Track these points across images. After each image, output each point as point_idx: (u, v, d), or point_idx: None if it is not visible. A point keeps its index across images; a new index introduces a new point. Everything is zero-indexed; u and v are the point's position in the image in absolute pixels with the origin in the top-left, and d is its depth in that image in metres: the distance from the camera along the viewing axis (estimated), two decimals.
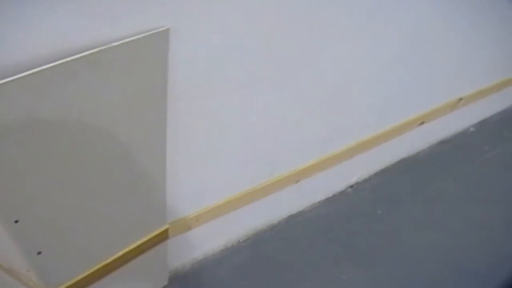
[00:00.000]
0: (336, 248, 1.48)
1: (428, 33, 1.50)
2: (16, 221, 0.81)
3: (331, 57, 1.24)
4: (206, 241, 1.42)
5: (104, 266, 1.08)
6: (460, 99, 1.83)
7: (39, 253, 0.90)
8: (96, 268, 1.07)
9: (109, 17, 0.78)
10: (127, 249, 1.16)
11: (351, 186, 1.71)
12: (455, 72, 1.73)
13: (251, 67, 1.08)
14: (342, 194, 1.68)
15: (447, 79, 1.72)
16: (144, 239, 1.20)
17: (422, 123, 1.75)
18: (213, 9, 0.91)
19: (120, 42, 0.80)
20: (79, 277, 1.03)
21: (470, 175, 1.79)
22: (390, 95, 1.57)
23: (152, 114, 0.98)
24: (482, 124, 2.05)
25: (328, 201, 1.64)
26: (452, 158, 1.87)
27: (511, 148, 1.94)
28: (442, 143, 1.93)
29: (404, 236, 1.53)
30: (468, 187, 1.74)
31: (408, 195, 1.70)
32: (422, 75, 1.61)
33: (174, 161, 1.08)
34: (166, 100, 0.96)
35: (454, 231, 1.56)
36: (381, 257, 1.46)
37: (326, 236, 1.51)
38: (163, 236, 1.26)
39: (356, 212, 1.61)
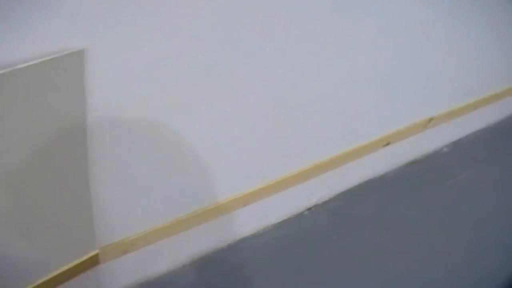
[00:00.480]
0: (284, 274, 1.41)
1: (394, 50, 1.43)
2: None
3: (286, 72, 1.17)
4: (145, 266, 1.35)
5: None
6: (431, 119, 1.75)
7: None
8: None
9: (15, 37, 0.72)
10: (53, 274, 1.10)
11: (309, 209, 1.63)
12: (424, 90, 1.65)
13: (184, 87, 1.01)
14: (298, 217, 1.60)
15: (416, 98, 1.64)
16: (72, 264, 1.14)
17: (388, 144, 1.67)
18: (136, 28, 0.85)
19: (27, 64, 0.74)
20: None
21: (437, 198, 1.71)
22: (351, 114, 1.49)
23: (70, 139, 0.92)
24: (456, 144, 1.97)
25: (283, 224, 1.57)
26: (421, 180, 1.79)
27: (483, 170, 1.85)
28: (412, 164, 1.85)
29: (359, 263, 1.46)
30: (434, 212, 1.66)
31: (370, 219, 1.62)
32: (388, 93, 1.53)
33: (102, 184, 1.02)
34: (85, 123, 0.89)
35: (416, 258, 1.48)
36: (331, 286, 1.39)
37: (274, 261, 1.44)
38: (94, 261, 1.20)
39: (310, 237, 1.53)
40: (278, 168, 1.42)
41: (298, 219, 1.59)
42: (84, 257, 1.16)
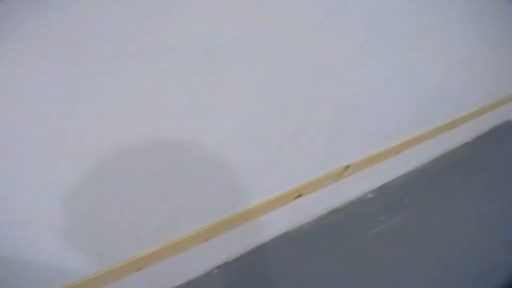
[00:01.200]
0: None
1: (298, 97, 1.38)
2: None
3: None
4: None
5: None
6: (347, 166, 1.69)
7: None
8: None
9: None
10: None
11: (218, 267, 1.54)
12: (335, 139, 1.59)
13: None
14: (206, 276, 1.51)
15: (327, 147, 1.58)
16: None
17: (300, 195, 1.60)
18: None
19: None
20: None
21: (357, 250, 1.64)
22: (257, 165, 1.42)
23: None
24: (382, 189, 1.91)
25: (188, 286, 1.48)
26: (340, 230, 1.72)
27: (408, 217, 1.79)
28: (332, 213, 1.78)
29: None
30: (352, 266, 1.58)
31: (283, 276, 1.54)
32: (294, 145, 1.47)
33: None
34: None
35: None
36: None
37: None
38: None
39: None
40: (175, 228, 1.34)
41: (205, 279, 1.51)
42: None
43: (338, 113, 1.52)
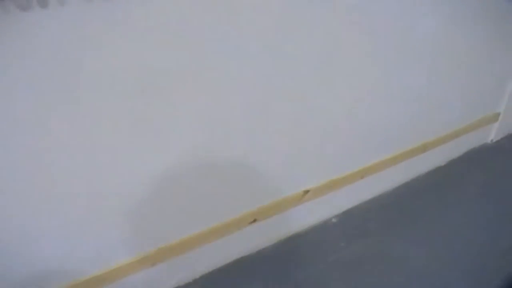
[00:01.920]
0: None
1: (251, 115, 1.35)
2: None
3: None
4: None
5: None
6: (306, 191, 1.66)
7: None
8: None
9: None
10: None
11: None
12: (292, 161, 1.56)
13: None
14: None
15: (283, 170, 1.55)
16: None
17: (255, 220, 1.57)
18: None
19: None
20: None
21: (316, 277, 1.60)
22: (209, 194, 1.40)
23: None
24: (347, 214, 1.87)
25: None
26: (300, 256, 1.67)
27: (372, 243, 1.75)
28: (293, 238, 1.74)
29: None
30: None
31: None
32: (247, 165, 1.45)
33: None
34: None
35: None
36: None
37: None
38: None
39: None
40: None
41: None
42: None
43: (294, 136, 1.50)
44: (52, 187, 1.08)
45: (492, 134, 2.42)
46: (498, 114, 2.36)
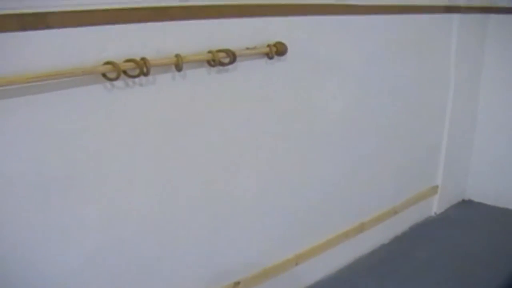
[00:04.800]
0: None
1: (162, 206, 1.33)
2: None
3: None
4: None
5: None
6: (237, 283, 1.60)
7: None
8: None
9: None
10: None
11: None
12: (216, 250, 1.52)
13: None
14: None
15: (207, 260, 1.51)
16: None
17: None
18: None
19: None
20: None
21: None
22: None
23: None
24: None
25: None
26: None
27: None
28: None
29: None
30: None
31: None
32: (164, 256, 1.39)
33: None
34: None
35: None
36: None
37: None
38: None
39: None
40: None
41: None
42: None
43: (213, 223, 1.48)
44: None
45: (435, 206, 2.44)
46: (437, 187, 2.39)
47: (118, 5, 1.12)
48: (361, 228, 2.00)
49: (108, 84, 1.13)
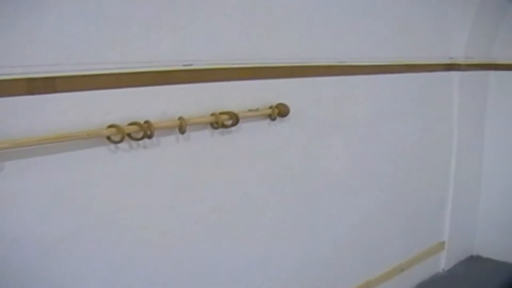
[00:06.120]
0: None
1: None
2: None
3: None
4: None
5: None
6: None
7: None
8: None
9: None
10: None
11: None
12: None
13: None
14: None
15: None
16: None
17: None
18: None
19: None
20: None
21: None
22: None
23: None
24: None
25: None
26: None
27: None
28: None
29: None
30: None
31: None
32: None
33: None
34: None
35: None
36: None
37: None
38: None
39: None
40: None
41: None
42: None
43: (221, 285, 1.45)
44: None
45: (442, 262, 2.39)
46: (444, 242, 2.35)
47: (123, 70, 1.15)
48: (367, 286, 1.96)
49: (112, 146, 1.15)
